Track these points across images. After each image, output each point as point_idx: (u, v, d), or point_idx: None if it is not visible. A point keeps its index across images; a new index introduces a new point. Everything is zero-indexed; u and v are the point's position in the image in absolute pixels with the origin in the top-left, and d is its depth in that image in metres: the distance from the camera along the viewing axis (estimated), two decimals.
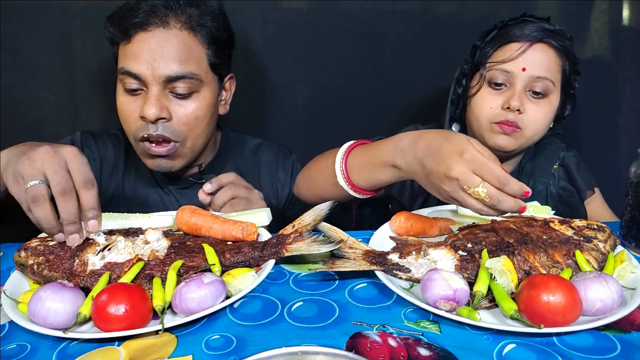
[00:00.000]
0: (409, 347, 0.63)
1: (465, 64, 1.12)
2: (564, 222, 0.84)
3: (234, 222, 0.86)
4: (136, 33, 0.97)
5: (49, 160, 0.73)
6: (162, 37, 0.97)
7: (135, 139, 1.02)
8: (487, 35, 1.09)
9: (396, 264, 0.78)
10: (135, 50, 0.97)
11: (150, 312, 0.68)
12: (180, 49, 0.98)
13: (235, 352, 0.63)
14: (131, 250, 0.78)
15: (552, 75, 1.02)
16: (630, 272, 0.75)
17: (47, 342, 0.66)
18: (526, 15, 1.06)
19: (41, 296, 0.66)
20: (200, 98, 1.02)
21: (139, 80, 0.98)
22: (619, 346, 0.63)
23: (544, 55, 1.02)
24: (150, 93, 0.97)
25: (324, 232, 0.83)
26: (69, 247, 0.78)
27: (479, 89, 1.06)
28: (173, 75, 0.97)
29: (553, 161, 1.17)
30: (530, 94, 1.03)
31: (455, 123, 1.15)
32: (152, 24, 0.97)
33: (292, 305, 0.73)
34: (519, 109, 1.01)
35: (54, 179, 0.72)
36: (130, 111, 1.00)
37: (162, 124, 0.99)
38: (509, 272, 0.71)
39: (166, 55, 0.97)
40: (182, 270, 0.75)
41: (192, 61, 0.99)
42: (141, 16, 0.96)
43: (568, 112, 1.13)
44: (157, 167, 1.04)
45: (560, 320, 0.63)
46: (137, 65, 0.97)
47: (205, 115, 1.04)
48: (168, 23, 0.98)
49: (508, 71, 1.02)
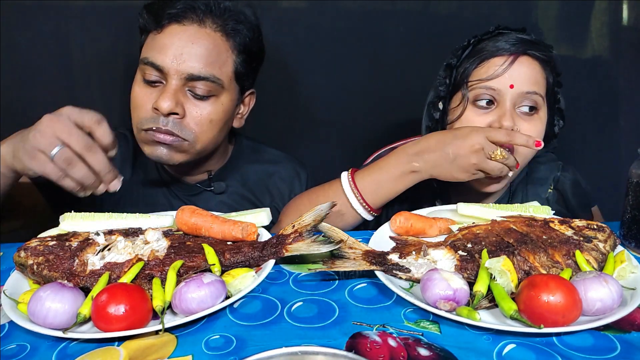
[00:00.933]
0: (409, 347, 0.63)
1: (439, 85, 1.03)
2: (563, 222, 0.84)
3: (234, 222, 0.86)
4: (169, 24, 0.96)
5: (57, 124, 0.74)
6: (195, 33, 0.96)
7: (140, 128, 0.99)
8: (461, 52, 1.01)
9: (396, 264, 0.78)
10: (164, 41, 0.96)
11: (150, 312, 0.68)
12: (210, 50, 0.97)
13: (235, 352, 0.63)
14: (131, 250, 0.78)
15: (540, 89, 0.96)
16: (630, 272, 0.75)
17: (47, 342, 0.66)
18: (500, 27, 1.00)
19: (41, 296, 0.66)
20: (218, 103, 1.00)
21: (160, 72, 0.96)
22: (619, 346, 0.63)
23: (529, 68, 0.96)
24: (169, 86, 0.95)
25: (323, 232, 0.83)
26: (68, 247, 0.78)
27: (462, 111, 0.98)
28: (195, 74, 0.96)
29: (546, 186, 1.09)
30: (520, 111, 0.96)
31: None
32: (187, 19, 0.96)
33: (292, 305, 0.73)
34: (512, 129, 0.94)
35: (71, 140, 0.74)
36: (144, 101, 0.98)
37: (173, 119, 0.97)
38: (509, 272, 0.71)
39: (194, 52, 0.95)
40: (182, 270, 0.75)
41: (217, 65, 0.98)
42: (179, 7, 0.95)
43: (559, 128, 1.06)
44: (156, 156, 1.00)
45: (560, 320, 0.63)
46: (162, 57, 0.95)
47: (219, 121, 1.02)
48: (203, 21, 0.97)
49: (494, 89, 0.95)
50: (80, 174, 0.74)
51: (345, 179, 0.96)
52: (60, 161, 0.73)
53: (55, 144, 0.74)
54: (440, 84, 1.04)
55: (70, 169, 0.74)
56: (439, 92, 1.04)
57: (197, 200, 1.13)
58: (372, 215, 0.96)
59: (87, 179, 0.75)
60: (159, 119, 0.96)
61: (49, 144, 0.74)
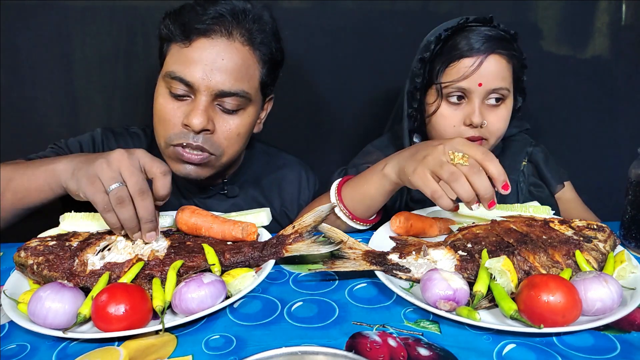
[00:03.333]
0: (409, 347, 0.63)
1: (415, 77, 1.09)
2: (563, 222, 0.84)
3: (234, 222, 0.86)
4: (198, 38, 0.93)
5: (125, 162, 0.75)
6: (224, 48, 0.93)
7: (168, 143, 0.97)
8: (433, 47, 1.05)
9: (396, 264, 0.78)
10: (193, 56, 0.93)
11: (150, 312, 0.68)
12: (240, 65, 0.95)
13: (235, 352, 0.63)
14: (131, 250, 0.78)
15: (506, 83, 1.03)
16: (630, 272, 0.75)
17: (47, 342, 0.66)
18: (467, 19, 1.03)
19: (41, 296, 0.66)
20: (245, 115, 0.99)
21: (189, 87, 0.94)
22: (619, 346, 0.63)
23: (497, 66, 1.01)
24: (199, 103, 0.93)
25: (323, 233, 0.83)
26: (68, 247, 0.78)
27: (437, 107, 1.05)
28: (226, 91, 0.94)
29: (521, 157, 1.17)
30: (488, 103, 1.03)
31: (415, 134, 1.13)
32: (215, 32, 0.93)
33: (292, 305, 0.73)
34: (481, 124, 1.01)
35: (131, 180, 0.75)
36: (172, 115, 0.95)
37: (204, 135, 0.95)
38: (509, 272, 0.71)
39: (224, 68, 0.93)
40: (182, 270, 0.75)
41: (246, 79, 0.96)
42: (207, 22, 0.92)
43: (520, 103, 1.12)
44: (185, 174, 0.99)
45: (560, 320, 0.63)
46: (191, 72, 0.92)
47: (246, 133, 1.02)
48: (232, 34, 0.94)
49: (464, 88, 1.01)
50: (126, 216, 0.75)
51: (334, 187, 0.96)
52: (114, 197, 0.74)
53: (117, 179, 0.75)
54: (416, 76, 1.09)
55: (119, 208, 0.75)
56: (416, 84, 1.09)
57: (210, 203, 1.12)
58: (359, 224, 0.95)
59: (130, 222, 0.76)
60: (190, 135, 0.95)
61: (110, 178, 0.75)
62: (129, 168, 0.75)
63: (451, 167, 0.75)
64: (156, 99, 0.98)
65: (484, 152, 0.76)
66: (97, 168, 0.76)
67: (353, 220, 0.93)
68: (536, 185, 1.17)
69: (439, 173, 0.76)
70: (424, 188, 0.77)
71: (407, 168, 0.81)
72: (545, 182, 1.18)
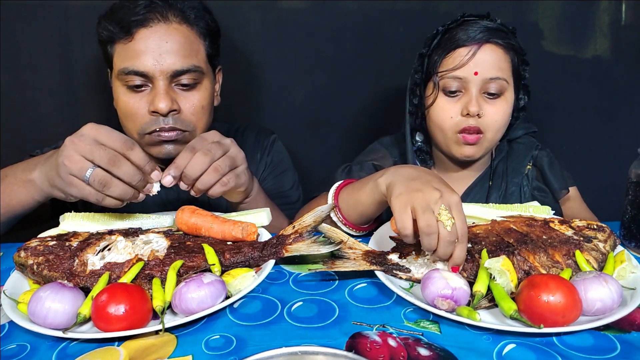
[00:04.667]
0: (409, 347, 0.63)
1: (415, 73, 1.11)
2: (563, 222, 0.84)
3: (234, 222, 0.86)
4: (138, 30, 0.98)
5: (80, 146, 0.74)
6: (164, 32, 0.98)
7: (142, 134, 1.01)
8: (431, 42, 1.07)
9: (396, 264, 0.78)
10: (139, 47, 0.97)
11: (150, 312, 0.68)
12: (183, 43, 1.00)
13: (235, 352, 0.63)
14: (131, 250, 0.78)
15: (504, 74, 1.02)
16: (630, 272, 0.75)
17: (47, 342, 0.66)
18: (465, 15, 1.06)
19: (41, 296, 0.66)
20: (203, 89, 1.04)
21: (144, 77, 0.98)
22: (619, 346, 0.63)
23: (493, 55, 1.02)
24: (159, 87, 0.98)
25: (323, 233, 0.83)
26: (68, 247, 0.78)
27: (434, 99, 1.05)
28: (179, 69, 0.98)
29: (525, 161, 1.16)
30: (486, 95, 1.03)
31: (418, 133, 1.14)
32: (152, 20, 0.98)
33: (292, 305, 0.73)
34: (478, 113, 1.01)
35: (96, 157, 0.74)
36: (138, 107, 1.00)
37: (173, 116, 1.00)
38: (508, 272, 0.71)
39: (171, 50, 0.98)
40: (182, 270, 0.75)
41: (194, 54, 1.02)
42: (142, 12, 0.97)
43: (524, 102, 1.12)
44: (166, 154, 1.03)
45: (560, 320, 0.63)
46: (142, 62, 0.97)
47: (209, 105, 1.06)
48: (167, 18, 0.99)
49: (461, 77, 1.02)
50: (118, 191, 0.75)
51: (333, 190, 0.96)
52: (96, 183, 0.74)
53: (87, 166, 0.74)
54: (416, 72, 1.11)
55: (107, 190, 0.74)
56: (416, 80, 1.10)
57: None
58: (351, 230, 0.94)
59: (125, 193, 0.76)
60: (159, 119, 0.99)
61: (79, 169, 0.74)
62: (87, 149, 0.74)
63: (433, 219, 0.72)
64: (117, 99, 1.03)
65: (464, 234, 0.73)
66: (63, 168, 0.75)
67: (346, 226, 0.93)
68: (540, 190, 1.16)
69: (418, 216, 0.73)
70: (397, 218, 0.75)
71: (395, 189, 0.79)
72: (549, 187, 1.16)
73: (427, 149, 1.16)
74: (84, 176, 0.74)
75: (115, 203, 0.77)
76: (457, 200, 0.75)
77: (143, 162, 0.77)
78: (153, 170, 0.79)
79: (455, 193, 0.76)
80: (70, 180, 0.75)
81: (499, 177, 1.14)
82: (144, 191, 0.79)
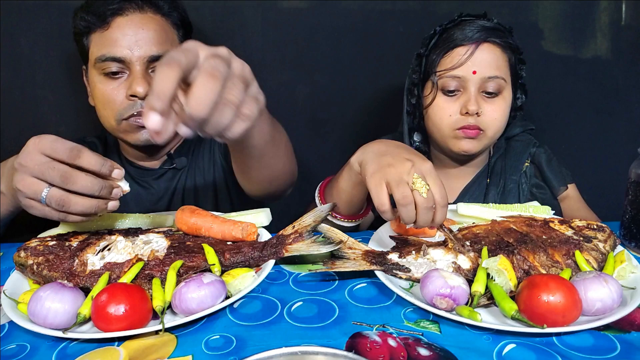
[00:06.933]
0: (409, 347, 0.63)
1: (413, 73, 1.11)
2: (563, 222, 0.84)
3: (234, 222, 0.86)
4: (114, 19, 1.01)
5: (30, 166, 0.68)
6: (140, 20, 1.02)
7: (119, 119, 1.03)
8: (429, 42, 1.08)
9: (396, 264, 0.78)
10: (116, 34, 1.01)
11: (150, 312, 0.68)
12: (159, 31, 1.03)
13: (235, 352, 0.63)
14: (131, 250, 0.78)
15: (502, 73, 1.03)
16: (630, 272, 0.75)
17: (47, 342, 0.66)
18: (462, 15, 1.07)
19: (41, 296, 0.66)
20: None
21: (121, 62, 1.01)
22: (619, 346, 0.63)
23: (490, 54, 1.03)
24: (137, 72, 1.01)
25: (323, 233, 0.83)
26: (68, 247, 0.78)
27: (433, 99, 1.06)
28: (155, 55, 1.01)
29: (523, 158, 1.17)
30: (484, 94, 1.04)
31: (415, 133, 1.15)
32: (128, 9, 1.02)
33: (292, 305, 0.73)
34: (477, 112, 1.02)
35: (48, 177, 0.68)
36: (117, 94, 1.02)
37: None
38: (506, 270, 0.71)
39: (146, 37, 1.01)
40: (182, 270, 0.75)
41: (169, 43, 1.05)
42: (117, 2, 1.01)
43: (522, 101, 1.13)
44: (145, 140, 1.06)
45: (560, 320, 0.63)
46: (119, 48, 1.00)
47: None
48: (143, 8, 1.03)
49: (459, 76, 1.03)
50: (79, 208, 0.69)
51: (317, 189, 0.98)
52: (53, 204, 0.69)
53: (41, 188, 0.68)
54: (414, 72, 1.11)
55: (67, 208, 0.69)
56: (413, 80, 1.11)
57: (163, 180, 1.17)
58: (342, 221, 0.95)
59: (88, 208, 0.70)
60: (138, 104, 1.02)
61: (34, 192, 0.69)
62: (37, 169, 0.68)
63: (407, 190, 0.73)
64: (94, 87, 1.05)
65: (442, 198, 0.74)
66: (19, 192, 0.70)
67: (335, 218, 0.93)
68: (538, 187, 1.17)
69: (393, 190, 0.73)
70: (374, 196, 0.76)
71: (368, 167, 0.79)
72: (547, 184, 1.18)
73: (426, 149, 1.16)
74: (40, 198, 0.69)
75: (81, 219, 0.71)
76: (430, 167, 0.76)
77: (97, 165, 0.69)
78: (112, 170, 0.71)
79: (427, 161, 0.77)
80: (28, 203, 0.71)
81: (497, 175, 1.15)
82: (113, 197, 0.72)
